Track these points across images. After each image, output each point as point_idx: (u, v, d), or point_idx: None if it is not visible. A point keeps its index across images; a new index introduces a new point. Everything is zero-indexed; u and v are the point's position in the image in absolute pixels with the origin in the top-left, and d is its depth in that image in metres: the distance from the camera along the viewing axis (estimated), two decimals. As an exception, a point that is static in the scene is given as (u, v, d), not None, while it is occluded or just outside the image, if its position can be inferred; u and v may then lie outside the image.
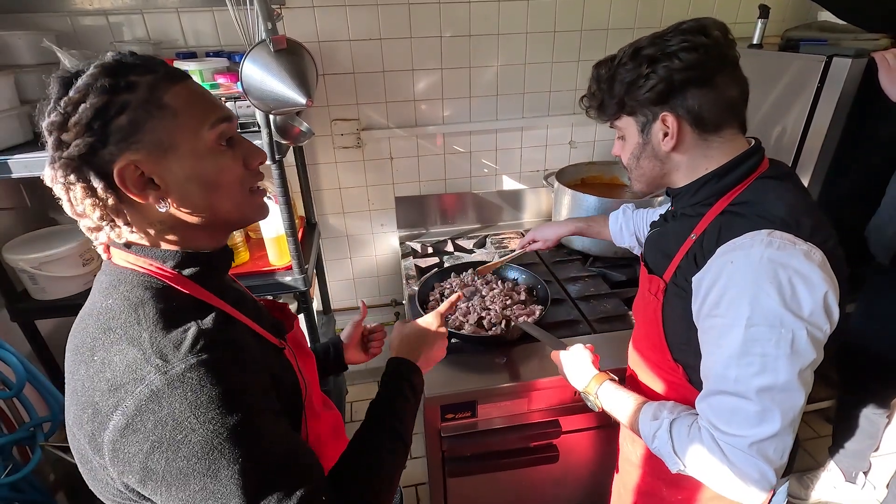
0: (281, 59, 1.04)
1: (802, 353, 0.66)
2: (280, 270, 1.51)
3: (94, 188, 0.54)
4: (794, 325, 0.65)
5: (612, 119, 0.86)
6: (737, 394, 0.69)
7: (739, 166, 0.77)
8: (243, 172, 0.62)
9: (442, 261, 1.76)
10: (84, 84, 0.53)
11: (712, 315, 0.72)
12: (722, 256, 0.72)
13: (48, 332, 1.48)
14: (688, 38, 0.74)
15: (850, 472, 1.79)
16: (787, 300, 0.65)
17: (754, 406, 0.67)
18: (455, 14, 1.68)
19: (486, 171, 1.99)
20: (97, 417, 0.52)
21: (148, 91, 0.55)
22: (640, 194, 0.91)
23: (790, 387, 0.66)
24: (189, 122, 0.57)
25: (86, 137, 0.52)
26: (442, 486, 1.35)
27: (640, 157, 0.84)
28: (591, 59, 1.81)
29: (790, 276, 0.65)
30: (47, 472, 1.36)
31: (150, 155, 0.55)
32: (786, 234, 0.68)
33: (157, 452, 0.50)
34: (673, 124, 0.77)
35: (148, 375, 0.51)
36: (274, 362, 0.66)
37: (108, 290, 0.58)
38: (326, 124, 1.78)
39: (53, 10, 1.45)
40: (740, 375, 0.68)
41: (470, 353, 1.30)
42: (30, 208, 1.53)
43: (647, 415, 0.81)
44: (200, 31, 1.57)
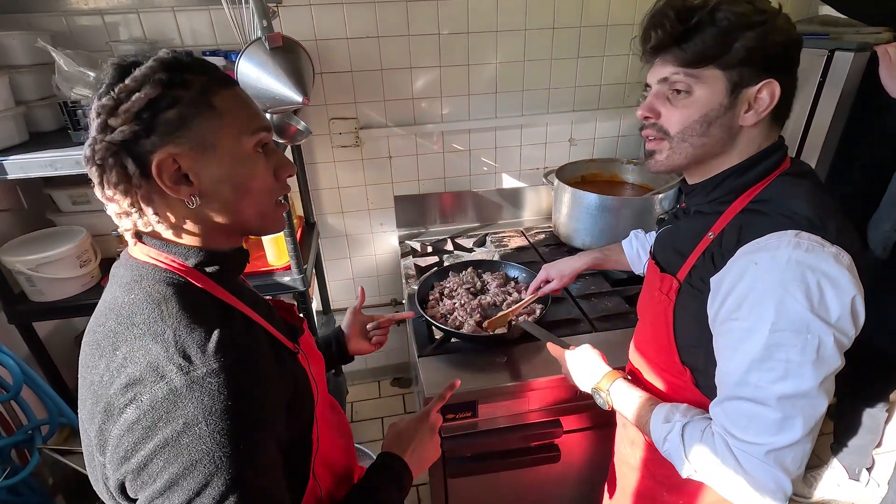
0: (276, 57, 1.03)
1: (828, 360, 0.63)
2: (279, 270, 1.51)
3: (130, 175, 0.55)
4: (821, 331, 0.62)
5: (691, 66, 0.69)
6: (755, 400, 0.66)
7: (762, 162, 0.73)
8: (273, 182, 0.64)
9: (442, 260, 1.75)
10: (142, 74, 0.55)
11: (732, 318, 0.68)
12: (745, 257, 0.68)
13: (46, 335, 1.47)
14: (780, 12, 0.67)
15: (853, 469, 1.78)
16: (815, 305, 0.62)
17: (774, 413, 0.64)
18: (453, 11, 1.67)
19: (485, 170, 1.98)
20: (110, 411, 0.52)
21: (200, 91, 0.57)
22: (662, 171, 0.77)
23: (813, 394, 0.63)
24: (233, 125, 0.59)
25: (133, 125, 0.54)
26: (443, 487, 1.35)
27: (714, 124, 0.71)
28: (591, 55, 1.83)
29: (819, 280, 0.62)
30: (46, 475, 1.35)
31: (191, 151, 0.57)
32: (813, 235, 0.64)
33: (161, 452, 0.49)
34: (773, 96, 0.68)
35: (169, 373, 0.51)
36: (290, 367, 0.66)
37: (129, 284, 0.58)
38: (324, 123, 1.77)
39: (48, 10, 1.44)
40: (761, 381, 0.65)
41: (470, 353, 1.29)
42: (26, 210, 1.53)
43: (659, 416, 0.78)
44: (196, 30, 1.56)
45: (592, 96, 1.92)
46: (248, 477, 0.52)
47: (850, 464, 1.78)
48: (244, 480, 0.52)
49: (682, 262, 0.79)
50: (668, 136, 0.74)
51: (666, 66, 0.71)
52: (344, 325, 1.05)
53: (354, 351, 1.04)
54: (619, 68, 1.88)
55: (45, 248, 1.34)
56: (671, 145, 0.74)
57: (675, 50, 0.69)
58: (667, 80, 0.72)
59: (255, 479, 0.53)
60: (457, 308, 1.35)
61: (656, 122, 0.75)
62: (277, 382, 0.60)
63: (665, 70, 0.71)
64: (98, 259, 1.47)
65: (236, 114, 0.60)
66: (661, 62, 0.72)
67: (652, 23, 0.70)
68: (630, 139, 2.03)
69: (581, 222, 1.70)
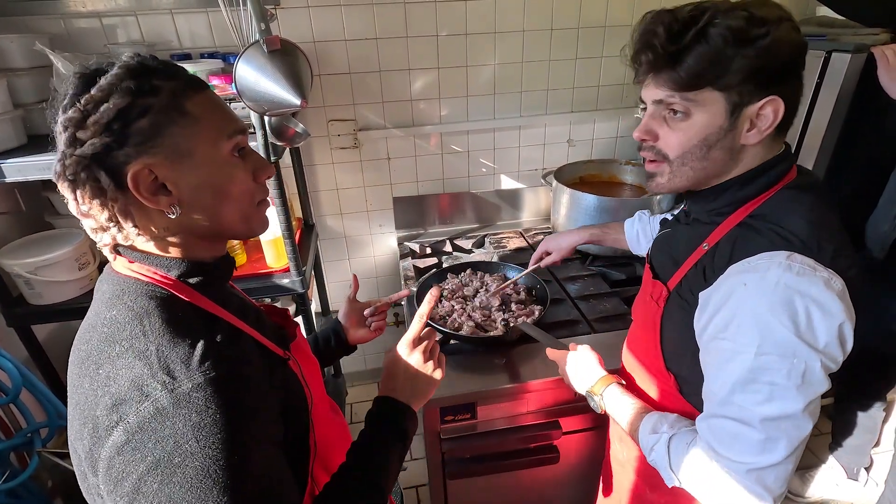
0: (275, 60, 1.03)
1: (814, 385, 0.62)
2: (278, 273, 1.51)
3: (104, 189, 0.53)
4: (807, 357, 0.61)
5: (686, 89, 0.66)
6: (740, 420, 0.65)
7: (765, 174, 0.70)
8: (252, 185, 0.63)
9: (441, 261, 1.75)
10: (108, 83, 0.53)
11: (719, 337, 0.68)
12: (734, 276, 0.66)
13: (45, 337, 1.47)
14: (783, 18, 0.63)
15: (851, 469, 1.79)
16: (802, 330, 0.61)
17: (758, 434, 0.64)
18: (451, 13, 1.67)
19: (484, 171, 1.98)
20: (97, 432, 0.51)
21: (171, 97, 0.55)
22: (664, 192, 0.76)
23: (797, 417, 0.63)
24: (208, 130, 0.57)
25: (103, 137, 0.52)
26: (442, 488, 1.35)
27: (714, 147, 0.68)
28: (589, 56, 1.83)
29: (807, 305, 0.61)
30: (45, 479, 1.35)
31: (167, 160, 0.55)
32: (806, 258, 0.63)
33: (153, 474, 0.48)
34: (776, 114, 0.65)
35: (154, 392, 0.50)
36: (279, 375, 0.65)
37: (111, 300, 0.57)
38: (323, 125, 1.77)
39: (46, 13, 1.44)
40: (745, 402, 0.64)
41: (469, 354, 1.29)
42: (24, 212, 1.52)
43: (647, 427, 0.78)
44: (195, 33, 1.56)
45: (591, 97, 1.92)
46: (247, 488, 0.51)
47: (848, 463, 1.79)
48: (243, 492, 0.51)
49: (675, 271, 0.78)
50: (667, 160, 0.72)
51: (660, 87, 0.68)
52: (341, 315, 1.04)
53: (355, 340, 1.02)
54: (617, 69, 1.88)
55: (44, 251, 1.34)
56: (671, 169, 0.72)
57: (668, 72, 0.66)
58: (661, 101, 0.69)
59: (254, 489, 0.52)
60: (455, 310, 1.35)
61: (654, 146, 0.72)
62: (268, 390, 0.60)
63: (659, 92, 0.68)
64: (97, 262, 1.47)
65: (210, 118, 0.58)
66: (655, 83, 0.68)
67: (642, 43, 0.67)
68: (628, 140, 2.03)
69: (579, 223, 1.69)
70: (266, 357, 0.64)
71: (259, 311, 0.73)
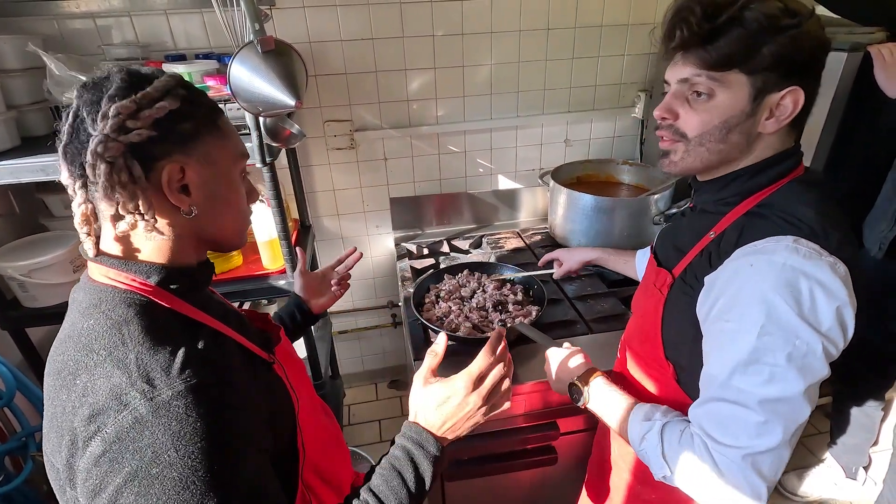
0: (269, 61, 1.02)
1: (814, 368, 0.62)
2: (274, 274, 1.50)
3: (135, 177, 0.56)
4: (809, 338, 0.61)
5: (714, 68, 0.66)
6: (738, 402, 0.65)
7: (774, 167, 0.71)
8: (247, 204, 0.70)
9: (438, 262, 1.75)
10: (163, 85, 0.58)
11: (723, 319, 0.68)
12: (741, 258, 0.67)
13: (39, 340, 1.46)
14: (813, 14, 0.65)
15: (849, 468, 1.79)
16: (806, 311, 0.61)
17: (755, 416, 0.63)
18: (447, 13, 1.66)
19: (481, 171, 1.98)
20: (75, 444, 0.50)
21: (209, 111, 0.62)
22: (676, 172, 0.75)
23: (796, 400, 0.63)
24: (231, 147, 0.65)
25: (150, 130, 0.56)
26: (440, 490, 1.34)
27: (734, 130, 0.69)
28: (586, 56, 1.83)
29: (812, 287, 0.61)
30: (39, 483, 1.34)
31: (197, 163, 0.60)
32: (812, 243, 0.64)
33: (130, 486, 0.47)
34: (796, 104, 0.66)
35: (133, 401, 0.49)
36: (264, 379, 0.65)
37: (87, 309, 0.56)
38: (319, 125, 1.76)
39: (39, 14, 1.43)
40: (745, 384, 0.64)
41: (466, 355, 1.27)
42: (18, 215, 1.52)
43: (638, 415, 0.78)
44: (190, 33, 1.55)
45: (587, 97, 1.92)
46: (229, 498, 0.50)
47: (846, 462, 1.79)
48: (229, 495, 0.50)
49: (680, 259, 0.78)
50: (684, 138, 0.72)
51: (687, 66, 0.68)
52: (297, 289, 1.12)
53: (320, 308, 1.11)
54: (613, 69, 1.88)
55: (38, 254, 1.33)
56: (687, 148, 0.72)
57: (698, 50, 0.66)
58: (687, 80, 0.69)
59: (237, 499, 0.51)
60: (452, 311, 1.34)
61: (673, 124, 0.72)
62: (254, 394, 0.59)
63: (686, 70, 0.68)
64: (91, 264, 1.46)
65: (233, 138, 0.65)
66: (683, 61, 0.68)
67: (677, 18, 0.66)
68: (625, 140, 2.03)
69: (577, 223, 1.70)
70: (250, 361, 0.64)
71: (241, 316, 0.73)
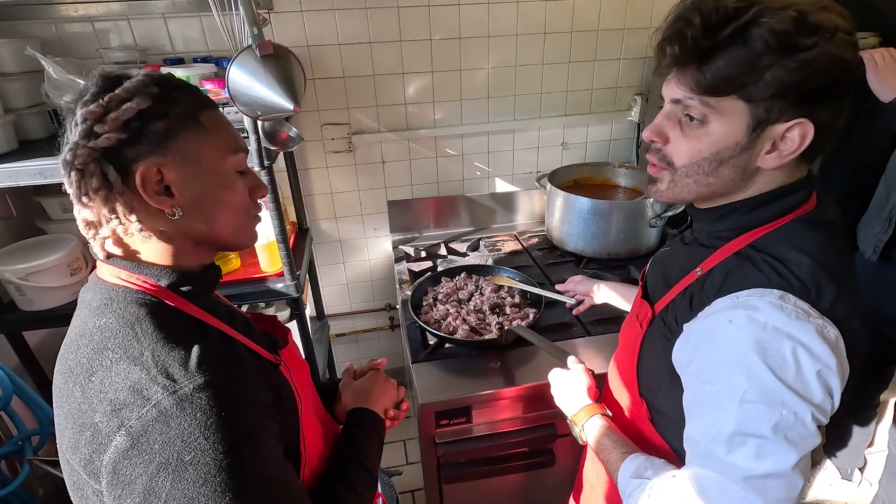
0: (267, 65, 1.02)
1: (805, 438, 0.56)
2: (272, 277, 1.50)
3: (111, 182, 0.55)
4: (797, 407, 0.55)
5: (708, 93, 0.58)
6: (725, 475, 0.58)
7: (777, 201, 0.63)
8: (248, 201, 0.67)
9: (435, 264, 1.75)
10: (133, 86, 0.56)
11: (703, 380, 0.61)
12: (721, 313, 0.60)
13: (36, 344, 1.46)
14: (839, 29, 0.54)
15: (845, 469, 1.80)
16: (791, 378, 0.55)
17: (744, 492, 0.56)
18: (445, 17, 1.67)
19: (478, 174, 1.99)
20: (97, 439, 0.51)
21: (188, 107, 0.59)
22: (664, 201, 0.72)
23: (788, 475, 0.55)
24: (217, 143, 0.62)
25: (119, 133, 0.54)
26: (438, 492, 1.34)
27: (726, 164, 0.61)
28: (582, 60, 1.84)
29: (795, 350, 0.55)
30: (36, 487, 1.34)
31: (175, 163, 0.58)
32: (801, 301, 0.57)
33: (163, 474, 0.49)
34: (803, 139, 0.57)
35: (155, 395, 0.50)
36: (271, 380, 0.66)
37: (99, 308, 0.57)
38: (317, 129, 1.77)
39: (38, 18, 1.43)
40: (731, 458, 0.57)
41: (464, 359, 1.29)
42: (16, 218, 1.51)
43: (628, 470, 0.71)
44: (188, 37, 1.56)
45: (584, 100, 1.93)
46: (266, 473, 0.53)
47: (842, 464, 1.80)
48: (260, 476, 0.53)
49: (665, 293, 0.73)
50: (671, 166, 0.65)
51: (680, 86, 0.60)
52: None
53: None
54: (610, 73, 1.89)
55: (35, 257, 1.33)
56: (673, 178, 0.66)
57: (693, 69, 0.58)
58: (680, 102, 0.62)
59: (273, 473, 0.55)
60: (450, 313, 1.35)
61: (661, 149, 0.66)
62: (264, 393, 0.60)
63: (678, 91, 0.61)
64: (89, 267, 1.45)
65: (220, 133, 0.62)
66: (677, 79, 0.61)
67: (672, 31, 0.58)
68: (622, 143, 2.04)
69: (573, 226, 1.71)
70: (258, 362, 0.65)
71: (247, 319, 0.74)
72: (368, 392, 0.90)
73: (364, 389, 0.91)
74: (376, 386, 0.92)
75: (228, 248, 0.69)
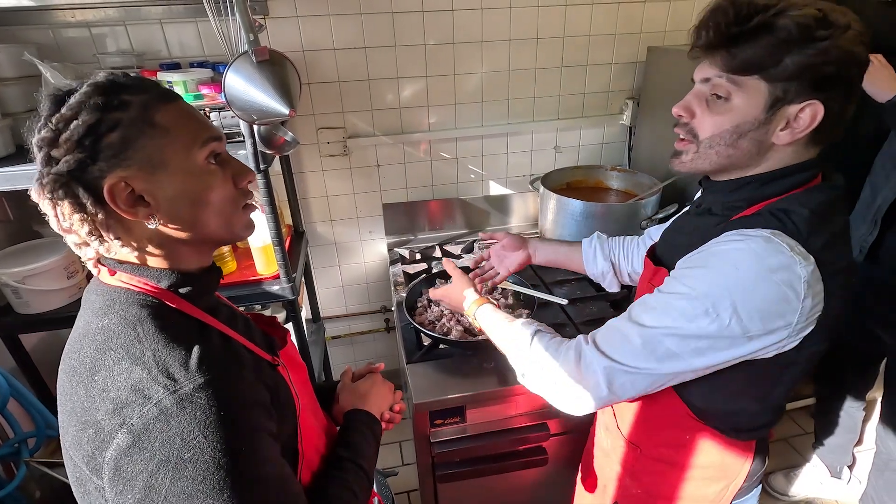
0: (263, 70, 1.04)
1: (708, 336, 0.66)
2: (267, 280, 1.51)
3: (84, 204, 0.55)
4: (725, 314, 0.64)
5: (735, 72, 0.66)
6: (633, 322, 0.72)
7: (787, 177, 0.70)
8: (233, 191, 0.64)
9: (430, 267, 1.77)
10: (76, 102, 0.54)
11: (673, 276, 0.72)
12: (719, 242, 0.69)
13: (32, 347, 1.47)
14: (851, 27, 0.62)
15: (834, 467, 1.82)
16: (742, 293, 0.63)
17: (638, 338, 0.70)
18: (438, 22, 1.70)
19: (472, 177, 2.01)
20: (99, 436, 0.52)
21: (140, 110, 0.56)
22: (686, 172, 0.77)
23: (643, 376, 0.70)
24: (180, 140, 0.58)
25: (76, 154, 0.53)
26: (433, 492, 1.36)
27: (745, 136, 0.68)
28: (574, 64, 1.87)
29: (763, 274, 0.62)
30: (32, 489, 1.34)
31: (141, 172, 0.56)
32: (789, 238, 0.64)
33: (164, 471, 0.50)
34: (814, 119, 0.64)
35: (156, 394, 0.51)
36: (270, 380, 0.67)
37: (102, 309, 0.58)
38: (312, 133, 1.78)
39: (35, 23, 1.44)
40: (648, 318, 0.71)
41: (458, 359, 1.30)
42: (13, 221, 1.52)
43: (520, 322, 0.89)
44: (184, 42, 1.57)
45: (577, 104, 1.96)
46: (263, 472, 0.54)
47: (831, 462, 1.82)
48: (257, 475, 0.54)
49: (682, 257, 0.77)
50: (696, 139, 0.72)
51: (713, 66, 0.68)
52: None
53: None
54: (602, 77, 1.92)
55: (32, 260, 1.34)
56: (697, 150, 0.72)
57: (723, 52, 0.66)
58: (709, 80, 0.69)
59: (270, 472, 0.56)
60: (444, 315, 1.37)
61: (688, 123, 0.73)
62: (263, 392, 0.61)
63: (710, 70, 0.69)
64: (85, 271, 1.45)
65: (182, 128, 0.59)
66: (709, 61, 0.69)
67: (708, 18, 0.66)
68: (614, 146, 2.07)
69: (566, 228, 1.73)
70: (257, 363, 0.66)
71: (247, 320, 0.75)
72: (366, 394, 0.92)
73: (362, 392, 0.92)
74: (374, 388, 0.93)
75: (225, 243, 0.68)
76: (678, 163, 0.76)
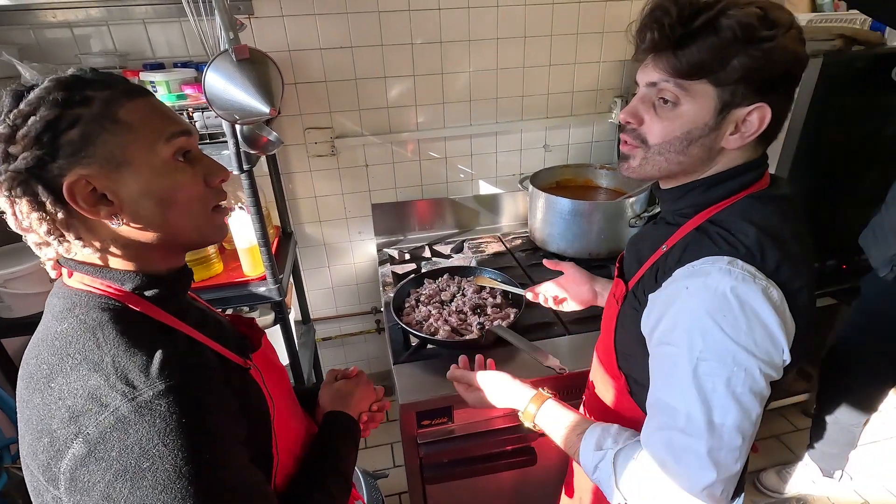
0: (244, 69, 1.04)
1: (755, 392, 0.61)
2: (254, 281, 1.50)
3: (42, 202, 0.53)
4: (747, 363, 0.60)
5: (682, 76, 0.64)
6: (685, 432, 0.63)
7: (731, 180, 0.69)
8: (204, 190, 0.61)
9: (419, 267, 1.76)
10: (36, 97, 0.52)
11: (665, 342, 0.67)
12: (679, 281, 0.66)
13: (14, 351, 1.45)
14: (793, 26, 0.61)
15: (827, 469, 1.81)
16: (742, 335, 0.60)
17: (703, 445, 0.61)
18: (425, 21, 1.69)
19: (461, 177, 2.00)
20: (54, 446, 0.50)
21: (103, 106, 0.54)
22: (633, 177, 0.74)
23: (739, 426, 0.61)
24: (144, 136, 0.56)
25: (34, 150, 0.51)
26: (421, 494, 1.35)
27: (695, 143, 0.67)
28: (562, 63, 1.87)
29: (744, 310, 0.60)
30: (15, 497, 1.32)
31: (102, 169, 0.54)
32: (747, 265, 0.62)
33: (121, 480, 0.48)
34: (762, 121, 0.64)
35: (113, 402, 0.49)
36: (239, 384, 0.65)
37: (61, 313, 0.56)
38: (300, 133, 1.77)
39: (15, 24, 1.43)
40: (691, 413, 0.62)
41: (445, 359, 1.29)
42: (-6, 224, 1.50)
43: (589, 443, 0.75)
44: (168, 42, 1.56)
45: (565, 103, 1.95)
46: (229, 479, 0.53)
47: (824, 466, 1.80)
48: (221, 483, 0.52)
49: (637, 271, 0.78)
50: (644, 144, 0.70)
51: (657, 70, 0.66)
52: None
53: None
54: (590, 76, 1.92)
55: (13, 263, 1.32)
56: (646, 155, 0.71)
57: (668, 54, 0.64)
58: (655, 85, 0.67)
59: (237, 479, 0.54)
60: (432, 315, 1.36)
61: (636, 129, 0.71)
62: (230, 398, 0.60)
63: (654, 74, 0.66)
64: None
65: (147, 124, 0.56)
66: (653, 64, 0.66)
67: (650, 19, 0.63)
68: (603, 145, 2.07)
69: (555, 227, 1.73)
70: (226, 367, 0.64)
71: (219, 321, 0.73)
72: (348, 395, 0.90)
73: (344, 392, 0.90)
74: (357, 389, 0.91)
75: (194, 247, 0.65)
76: (626, 168, 0.74)
